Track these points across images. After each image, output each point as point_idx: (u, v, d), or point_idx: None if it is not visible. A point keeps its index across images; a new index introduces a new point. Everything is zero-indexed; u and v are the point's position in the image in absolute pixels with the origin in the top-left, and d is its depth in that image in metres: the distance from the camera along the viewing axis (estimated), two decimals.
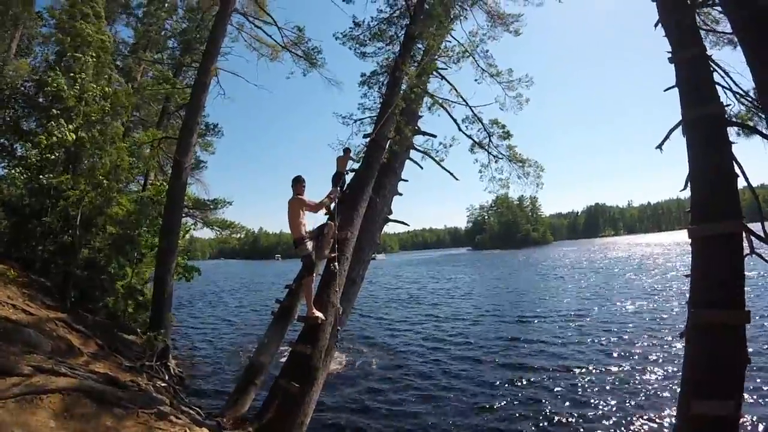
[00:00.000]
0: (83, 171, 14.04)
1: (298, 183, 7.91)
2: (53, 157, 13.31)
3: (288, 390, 7.82)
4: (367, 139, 10.92)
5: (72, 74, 14.18)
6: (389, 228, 12.02)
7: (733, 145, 6.29)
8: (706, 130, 6.28)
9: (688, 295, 6.14)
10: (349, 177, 10.40)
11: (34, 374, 6.06)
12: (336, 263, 8.55)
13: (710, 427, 5.29)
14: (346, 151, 10.70)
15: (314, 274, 8.02)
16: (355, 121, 12.46)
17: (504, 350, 16.72)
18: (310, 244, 7.85)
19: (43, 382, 5.88)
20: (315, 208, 8.22)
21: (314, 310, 7.88)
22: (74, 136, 13.15)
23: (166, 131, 21.47)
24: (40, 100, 16.00)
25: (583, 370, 13.83)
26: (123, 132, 18.03)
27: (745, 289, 5.68)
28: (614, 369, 13.88)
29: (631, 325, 19.75)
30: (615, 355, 15.36)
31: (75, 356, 8.68)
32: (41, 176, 13.16)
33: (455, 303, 30.49)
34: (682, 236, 6.40)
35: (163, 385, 11.06)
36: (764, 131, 6.90)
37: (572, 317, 22.10)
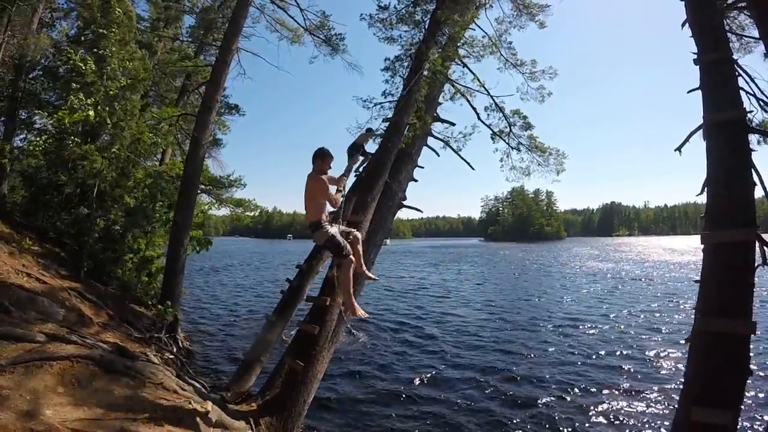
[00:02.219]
0: (102, 144, 14.18)
1: (321, 158, 6.32)
2: (71, 129, 13.43)
3: (293, 368, 7.93)
4: (386, 124, 10.90)
5: (95, 50, 14.29)
6: (403, 214, 12.01)
7: (753, 152, 6.20)
8: (726, 135, 6.19)
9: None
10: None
11: (46, 341, 6.19)
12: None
13: None
14: (369, 130, 10.66)
15: (350, 256, 6.43)
16: (375, 105, 12.29)
17: (506, 346, 16.69)
18: (331, 228, 6.31)
19: (53, 349, 6.00)
20: (336, 182, 6.76)
21: (356, 307, 6.58)
22: (94, 113, 13.25)
23: (185, 108, 21.59)
24: (60, 72, 16.16)
25: (584, 368, 13.86)
26: (144, 106, 18.16)
27: (754, 300, 5.62)
28: (616, 369, 13.86)
29: (639, 327, 19.63)
30: (618, 355, 15.36)
31: (86, 326, 8.83)
32: (61, 147, 13.28)
33: (463, 298, 30.29)
34: (697, 241, 6.31)
35: (170, 357, 11.27)
36: None
37: (579, 318, 22.00)
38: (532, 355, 15.20)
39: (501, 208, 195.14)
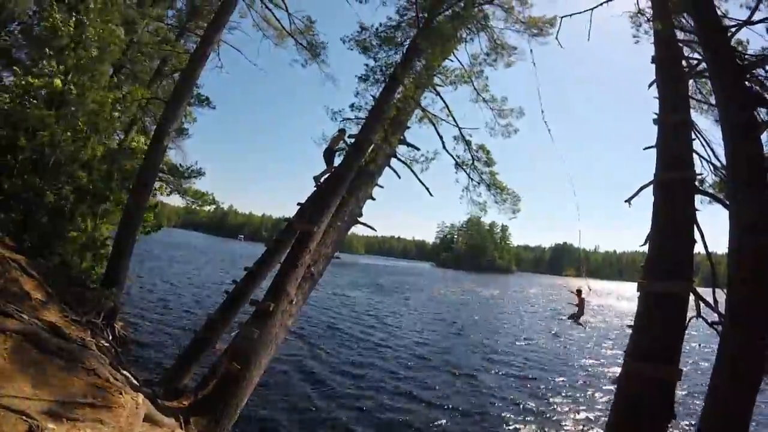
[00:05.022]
0: (65, 114, 13.75)
1: None
2: (35, 94, 13.02)
3: (229, 370, 7.89)
4: (352, 140, 11.07)
5: (74, 14, 13.91)
6: (358, 230, 12.15)
7: (699, 212, 6.59)
8: (674, 193, 6.56)
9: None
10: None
11: None
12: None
13: None
14: (342, 131, 10.98)
15: None
16: (344, 119, 12.46)
17: (440, 384, 16.57)
18: None
19: None
20: None
21: None
22: (61, 84, 12.90)
23: (156, 93, 21.13)
24: (36, 32, 15.63)
25: (514, 408, 14.13)
26: (114, 83, 17.71)
27: (687, 349, 5.95)
28: (548, 408, 14.30)
29: (572, 367, 20.12)
30: (550, 395, 15.74)
31: (24, 301, 8.56)
32: (24, 107, 12.79)
33: (406, 325, 30.48)
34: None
35: (105, 344, 10.97)
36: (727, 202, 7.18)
37: (515, 354, 22.46)
38: (463, 396, 15.19)
39: (456, 236, 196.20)
